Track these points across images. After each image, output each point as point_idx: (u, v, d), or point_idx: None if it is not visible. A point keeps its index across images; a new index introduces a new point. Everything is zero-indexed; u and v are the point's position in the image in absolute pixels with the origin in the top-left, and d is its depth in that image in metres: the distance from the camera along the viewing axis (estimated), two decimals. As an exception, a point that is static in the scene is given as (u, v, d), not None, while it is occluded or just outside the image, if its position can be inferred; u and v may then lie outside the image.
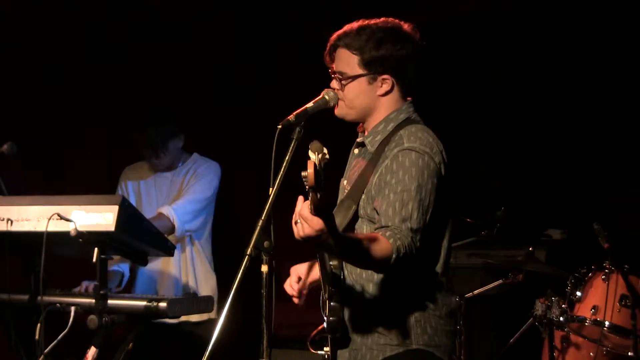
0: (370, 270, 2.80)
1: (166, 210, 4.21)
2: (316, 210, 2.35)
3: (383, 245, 2.59)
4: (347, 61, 2.86)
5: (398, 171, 2.72)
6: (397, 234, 2.62)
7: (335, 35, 2.89)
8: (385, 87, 2.87)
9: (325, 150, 2.36)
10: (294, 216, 2.47)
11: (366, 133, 2.95)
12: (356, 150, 3.02)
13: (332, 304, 2.71)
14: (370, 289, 2.83)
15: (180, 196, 4.35)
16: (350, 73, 2.85)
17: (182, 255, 4.39)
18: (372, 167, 2.82)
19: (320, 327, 2.98)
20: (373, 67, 2.84)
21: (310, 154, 2.33)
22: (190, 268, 4.40)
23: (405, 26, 2.89)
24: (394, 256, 2.58)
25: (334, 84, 2.91)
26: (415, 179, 2.69)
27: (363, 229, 2.83)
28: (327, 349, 2.83)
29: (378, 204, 2.73)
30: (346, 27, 2.89)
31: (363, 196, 2.81)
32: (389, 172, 2.74)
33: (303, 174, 2.30)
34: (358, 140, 3.01)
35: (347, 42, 2.85)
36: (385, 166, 2.76)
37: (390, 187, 2.70)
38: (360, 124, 2.99)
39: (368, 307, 2.83)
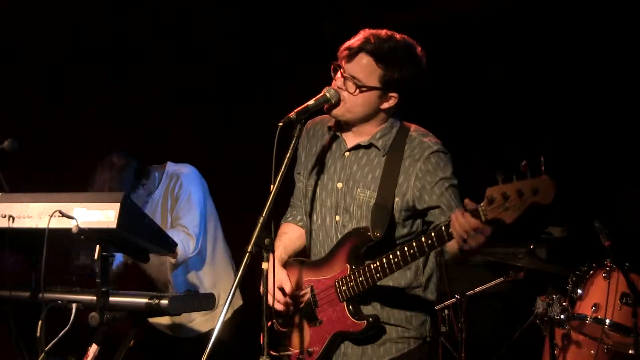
0: (396, 277, 2.94)
1: (175, 237, 4.07)
2: (488, 221, 2.48)
3: None
4: (368, 70, 2.89)
5: (437, 170, 2.90)
6: None
7: (363, 39, 2.89)
8: (391, 102, 2.96)
9: None
10: (461, 234, 2.54)
11: (361, 135, 3.01)
12: (348, 153, 3.03)
13: (361, 305, 2.92)
14: (394, 287, 2.97)
15: (175, 221, 4.26)
16: (367, 83, 2.89)
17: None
18: (393, 170, 2.92)
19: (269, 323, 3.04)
20: (390, 85, 2.91)
21: None
22: (197, 275, 4.37)
23: (419, 48, 2.97)
24: None
25: (340, 82, 2.92)
26: (452, 174, 2.92)
27: (402, 232, 2.97)
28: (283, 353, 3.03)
29: (432, 200, 2.89)
30: (373, 34, 2.90)
31: (396, 199, 2.91)
32: (428, 173, 2.90)
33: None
34: (350, 142, 3.04)
35: (376, 52, 2.87)
36: (420, 169, 2.90)
37: (439, 184, 2.88)
38: (336, 124, 3.05)
39: (392, 304, 2.97)
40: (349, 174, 3.01)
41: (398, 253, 2.75)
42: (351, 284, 2.88)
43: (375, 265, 2.81)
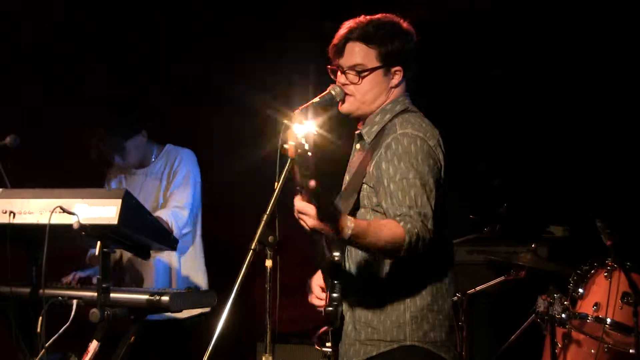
0: (372, 263, 2.79)
1: (165, 215, 4.12)
2: (310, 197, 2.39)
3: (394, 228, 2.58)
4: (363, 54, 2.86)
5: (393, 159, 2.73)
6: (407, 220, 2.61)
7: (346, 30, 2.89)
8: (397, 78, 2.90)
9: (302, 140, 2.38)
10: (295, 214, 2.51)
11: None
12: (357, 145, 3.03)
13: (332, 295, 2.74)
14: (370, 282, 2.83)
15: (168, 199, 4.24)
16: (367, 66, 2.86)
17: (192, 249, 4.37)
18: (369, 156, 2.84)
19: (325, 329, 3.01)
20: (389, 60, 2.87)
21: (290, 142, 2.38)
22: (183, 263, 4.35)
23: (404, 22, 2.93)
24: (406, 239, 2.56)
25: (342, 78, 2.90)
26: (410, 164, 2.70)
27: (367, 218, 2.81)
28: (329, 344, 2.85)
29: (381, 195, 2.73)
30: (354, 22, 2.90)
31: (364, 185, 2.82)
32: (384, 160, 2.75)
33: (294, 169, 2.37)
34: (357, 133, 3.01)
35: (363, 36, 2.86)
36: (379, 155, 2.77)
37: (389, 177, 2.71)
38: (361, 122, 2.99)
39: (365, 301, 2.83)
40: (350, 166, 3.02)
41: None
42: (324, 272, 2.83)
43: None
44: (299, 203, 2.48)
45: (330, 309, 2.73)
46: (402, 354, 2.77)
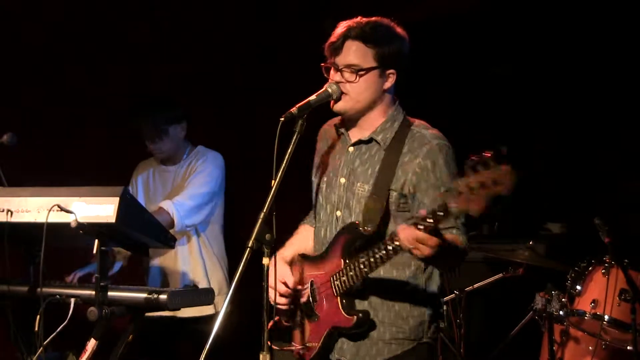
0: (396, 267, 2.91)
1: (166, 205, 4.18)
2: (432, 232, 2.54)
3: (457, 245, 2.79)
4: (360, 53, 2.89)
5: (435, 170, 2.87)
6: (459, 232, 2.83)
7: (344, 28, 2.91)
8: (391, 80, 2.95)
9: None
10: (406, 244, 2.60)
11: (364, 129, 3.00)
12: (352, 149, 3.04)
13: (354, 300, 2.90)
14: (391, 285, 2.93)
15: (181, 191, 4.31)
16: (364, 65, 2.89)
17: (188, 247, 4.38)
18: (391, 164, 2.90)
19: (271, 323, 3.04)
20: (385, 61, 2.91)
21: None
22: (196, 260, 4.38)
23: (398, 26, 2.98)
24: (467, 251, 2.84)
25: (337, 76, 2.91)
26: (450, 175, 2.85)
27: (398, 224, 2.89)
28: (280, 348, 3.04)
29: (424, 203, 2.85)
30: (352, 22, 2.93)
31: (393, 193, 2.88)
32: (426, 171, 2.86)
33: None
34: (353, 137, 3.04)
35: (361, 35, 2.88)
36: (419, 165, 2.86)
37: (433, 187, 2.85)
38: (341, 121, 3.06)
39: (389, 303, 2.93)
40: (351, 170, 3.01)
41: (382, 247, 2.73)
42: (343, 278, 2.87)
43: (363, 259, 2.80)
44: (422, 235, 2.55)
45: (362, 316, 2.88)
46: (421, 350, 2.95)
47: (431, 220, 2.52)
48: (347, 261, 2.88)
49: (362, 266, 2.80)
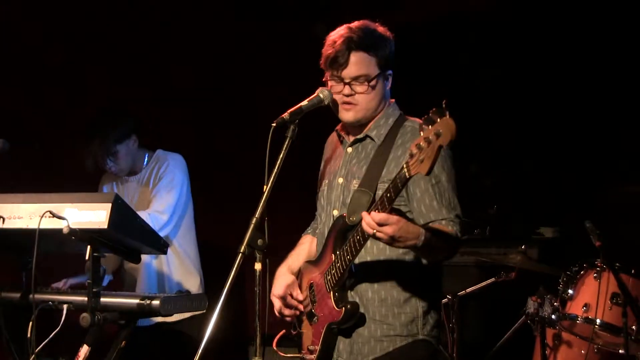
0: (386, 261, 2.90)
1: (143, 216, 4.13)
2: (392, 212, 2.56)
3: (447, 234, 2.78)
4: (366, 63, 2.92)
5: None
6: (451, 224, 2.82)
7: (342, 39, 2.91)
8: (390, 80, 3.01)
9: None
10: (367, 230, 2.60)
11: (364, 130, 3.01)
12: (350, 149, 3.05)
13: (340, 294, 2.88)
14: (384, 280, 2.91)
15: (150, 202, 4.27)
16: (372, 74, 2.93)
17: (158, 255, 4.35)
18: (383, 158, 2.92)
19: (283, 331, 3.07)
20: (385, 65, 2.96)
21: None
22: (167, 266, 4.36)
23: (379, 26, 3.01)
24: (457, 243, 2.83)
25: (347, 90, 2.92)
26: (442, 168, 2.87)
27: None
28: (290, 354, 3.06)
29: (415, 194, 2.86)
30: (345, 32, 2.93)
31: (380, 185, 2.87)
32: None
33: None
34: (351, 138, 3.06)
35: (362, 45, 2.90)
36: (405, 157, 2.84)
37: (424, 180, 2.83)
38: (342, 126, 3.09)
39: (379, 299, 2.91)
40: (348, 169, 3.03)
41: (359, 230, 2.73)
42: (333, 271, 2.88)
43: (345, 247, 2.80)
44: (379, 216, 2.57)
45: (350, 307, 2.86)
46: (416, 348, 2.91)
47: (388, 195, 2.55)
48: (337, 253, 2.88)
49: (345, 253, 2.80)
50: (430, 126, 2.40)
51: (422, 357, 2.92)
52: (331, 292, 2.91)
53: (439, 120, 2.39)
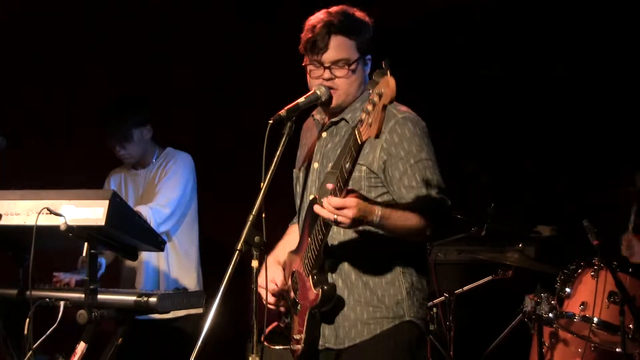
0: (365, 242, 2.86)
1: (144, 210, 4.14)
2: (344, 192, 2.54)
3: (419, 212, 2.73)
4: (346, 46, 2.90)
5: (402, 142, 2.82)
6: (428, 201, 2.77)
7: (322, 23, 2.90)
8: (369, 65, 2.98)
9: None
10: (327, 216, 2.60)
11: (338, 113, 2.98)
12: (324, 134, 3.03)
13: (319, 277, 2.83)
14: (365, 262, 2.88)
15: (154, 196, 4.29)
16: (352, 58, 2.91)
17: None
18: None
19: (274, 324, 3.04)
20: (365, 49, 2.94)
21: None
22: (165, 263, 4.37)
23: (357, 11, 2.99)
24: (431, 220, 2.75)
25: (327, 75, 2.90)
26: (420, 146, 2.83)
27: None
28: (279, 346, 3.00)
29: (395, 177, 2.82)
30: (325, 15, 2.92)
31: (362, 167, 2.84)
32: (392, 145, 2.82)
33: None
34: (326, 122, 3.03)
35: (342, 28, 2.89)
36: (385, 140, 2.82)
37: (402, 160, 2.81)
38: (317, 111, 3.07)
39: (363, 280, 2.88)
40: (323, 153, 3.00)
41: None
42: (309, 254, 2.85)
43: (317, 227, 2.77)
44: (336, 200, 2.57)
45: (327, 287, 2.81)
46: (403, 329, 2.88)
47: (347, 165, 2.54)
48: (311, 236, 2.84)
49: (317, 234, 2.77)
50: (373, 89, 2.39)
51: (405, 340, 2.87)
52: (309, 276, 2.86)
53: (381, 80, 2.37)
